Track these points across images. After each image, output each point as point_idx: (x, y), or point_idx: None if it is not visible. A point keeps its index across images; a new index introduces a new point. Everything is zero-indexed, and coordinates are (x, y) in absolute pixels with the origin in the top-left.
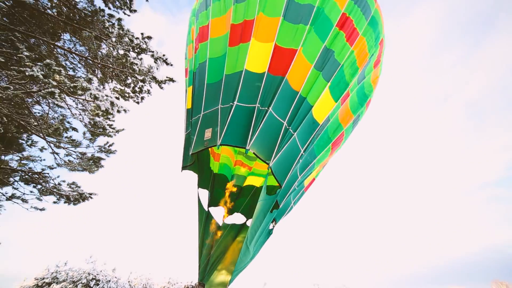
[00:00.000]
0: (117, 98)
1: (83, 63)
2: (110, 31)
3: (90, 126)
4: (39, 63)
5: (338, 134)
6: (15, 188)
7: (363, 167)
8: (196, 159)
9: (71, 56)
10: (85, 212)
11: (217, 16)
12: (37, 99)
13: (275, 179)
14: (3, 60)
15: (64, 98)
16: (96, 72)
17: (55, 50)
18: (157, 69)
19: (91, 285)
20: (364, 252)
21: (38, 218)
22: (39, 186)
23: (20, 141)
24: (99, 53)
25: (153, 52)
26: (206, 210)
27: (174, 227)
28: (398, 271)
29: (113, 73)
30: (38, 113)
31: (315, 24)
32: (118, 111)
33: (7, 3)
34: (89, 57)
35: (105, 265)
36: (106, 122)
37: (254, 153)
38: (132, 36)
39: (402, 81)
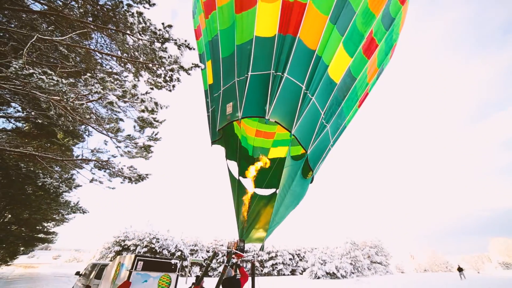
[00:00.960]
0: (152, 89)
1: (114, 59)
2: (133, 22)
3: (139, 121)
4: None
5: (364, 90)
6: (93, 173)
7: (397, 121)
8: (223, 133)
9: (105, 54)
10: (144, 188)
11: None
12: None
13: (300, 144)
14: (73, 81)
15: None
16: (130, 67)
17: (92, 53)
18: (181, 55)
19: (153, 242)
20: (397, 207)
21: (111, 194)
22: (108, 171)
23: (80, 132)
24: (127, 46)
25: (175, 40)
26: (237, 178)
27: (214, 194)
28: (433, 225)
29: (144, 66)
30: (95, 111)
31: None
32: (161, 108)
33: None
34: (122, 56)
35: (160, 227)
36: (152, 117)
37: (275, 121)
38: (155, 28)
39: (447, 14)
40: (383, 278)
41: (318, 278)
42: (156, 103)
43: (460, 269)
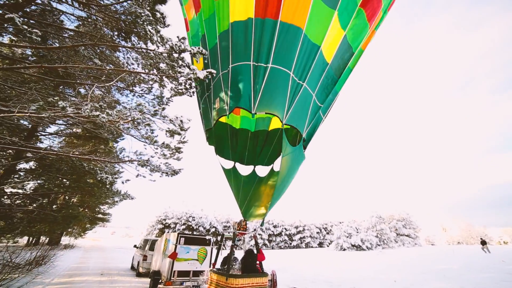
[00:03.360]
0: (175, 95)
1: (141, 67)
2: (152, 33)
3: (169, 131)
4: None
5: (359, 59)
6: (137, 170)
7: (437, 84)
8: (214, 129)
9: (134, 73)
10: (178, 179)
11: None
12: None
13: (296, 129)
14: (119, 108)
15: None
16: (155, 78)
17: (122, 65)
18: (197, 62)
19: (190, 220)
20: (432, 178)
21: (152, 185)
22: (149, 167)
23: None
24: (150, 55)
25: (190, 50)
26: (231, 167)
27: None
28: (472, 197)
29: (166, 77)
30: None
31: None
32: (185, 123)
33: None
34: (146, 72)
35: (194, 207)
36: (179, 127)
37: (266, 113)
38: (172, 42)
39: None
40: (408, 250)
41: (344, 250)
42: (181, 121)
43: (483, 242)
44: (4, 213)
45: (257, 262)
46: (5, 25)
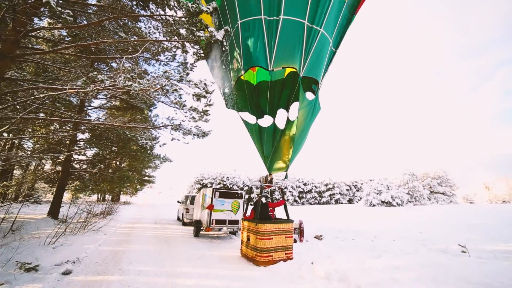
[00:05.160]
0: (197, 60)
1: (162, 35)
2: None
3: (195, 95)
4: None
5: None
6: (171, 134)
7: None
8: (233, 89)
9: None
10: (208, 141)
11: None
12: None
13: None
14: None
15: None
16: (177, 44)
17: (145, 35)
18: (214, 23)
19: (224, 180)
20: (456, 134)
21: (186, 147)
22: (181, 131)
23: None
24: (170, 21)
25: (206, 10)
26: (254, 122)
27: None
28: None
29: (189, 42)
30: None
31: None
32: (209, 85)
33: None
34: (167, 39)
35: (227, 167)
36: (204, 91)
37: (283, 67)
38: (188, 5)
39: None
40: (442, 207)
41: (373, 206)
42: (205, 84)
43: None
44: (78, 175)
45: (271, 208)
46: (42, 9)
